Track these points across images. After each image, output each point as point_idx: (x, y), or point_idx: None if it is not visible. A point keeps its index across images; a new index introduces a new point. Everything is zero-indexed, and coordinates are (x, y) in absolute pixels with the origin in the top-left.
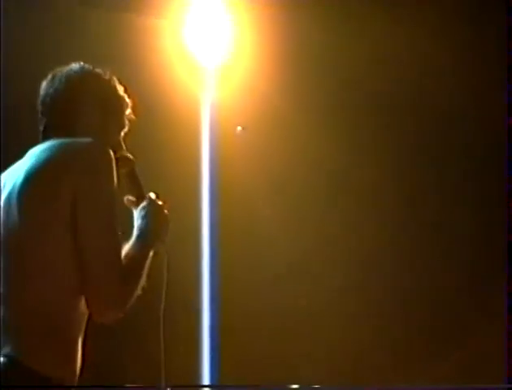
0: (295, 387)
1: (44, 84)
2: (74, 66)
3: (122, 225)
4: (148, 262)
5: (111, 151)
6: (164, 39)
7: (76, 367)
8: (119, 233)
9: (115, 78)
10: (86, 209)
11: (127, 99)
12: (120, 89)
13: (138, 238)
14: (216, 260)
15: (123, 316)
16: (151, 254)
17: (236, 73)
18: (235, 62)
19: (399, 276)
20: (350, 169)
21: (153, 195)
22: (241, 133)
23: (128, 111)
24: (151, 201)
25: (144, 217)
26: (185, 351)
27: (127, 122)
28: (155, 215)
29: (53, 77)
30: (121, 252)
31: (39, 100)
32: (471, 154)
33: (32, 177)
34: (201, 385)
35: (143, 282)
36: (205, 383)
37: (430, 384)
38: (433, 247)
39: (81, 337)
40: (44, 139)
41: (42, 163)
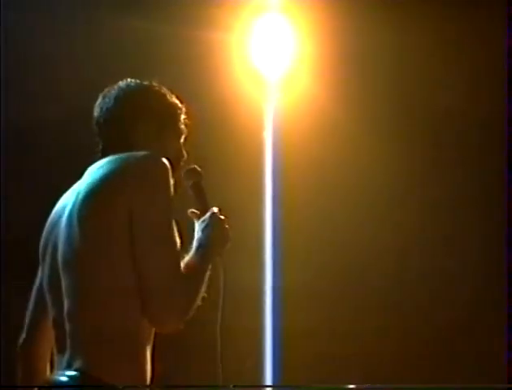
0: (351, 387)
1: (96, 105)
2: (121, 83)
3: (183, 237)
4: (207, 274)
5: (167, 161)
6: (229, 52)
7: (147, 377)
8: (178, 244)
9: (164, 87)
10: (142, 221)
11: (179, 105)
12: (171, 97)
13: (198, 250)
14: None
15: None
16: (210, 266)
17: (299, 84)
18: (297, 73)
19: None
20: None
21: (215, 209)
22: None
23: (183, 117)
24: (213, 215)
25: (204, 229)
26: (248, 352)
27: (184, 128)
28: (216, 229)
29: (103, 97)
30: (180, 263)
31: (93, 121)
32: None
33: (90, 194)
34: (266, 385)
35: (203, 293)
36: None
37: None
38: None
39: (150, 347)
40: (102, 158)
41: (99, 180)
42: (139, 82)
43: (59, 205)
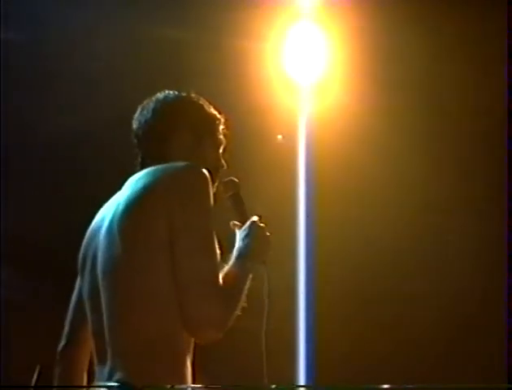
0: (385, 386)
1: (135, 118)
2: (159, 95)
3: (222, 247)
4: (248, 283)
5: (207, 171)
6: (263, 60)
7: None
8: (217, 255)
9: (201, 97)
10: (182, 232)
11: (218, 115)
12: (209, 107)
13: (238, 259)
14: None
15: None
16: (251, 276)
17: (331, 91)
18: (330, 80)
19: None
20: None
21: (255, 218)
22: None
23: (221, 127)
24: (253, 223)
25: (245, 238)
26: (282, 353)
27: (222, 138)
28: (256, 237)
29: (142, 110)
30: (219, 274)
31: (132, 134)
32: None
33: (130, 206)
34: (306, 385)
35: (243, 302)
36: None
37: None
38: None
39: (190, 356)
40: (141, 169)
41: (139, 191)
42: (176, 93)
43: (99, 216)
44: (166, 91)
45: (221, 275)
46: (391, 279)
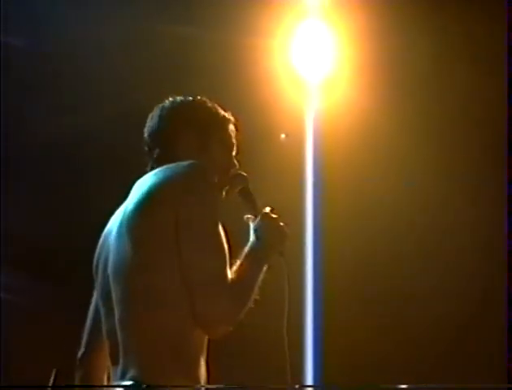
0: (403, 387)
1: (146, 126)
2: (167, 101)
3: (230, 243)
4: (261, 276)
5: (214, 170)
6: (271, 57)
7: (201, 381)
8: (225, 251)
9: (207, 99)
10: (187, 229)
11: (227, 116)
12: (217, 109)
13: (251, 251)
14: (320, 263)
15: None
16: (265, 268)
17: (339, 87)
18: (338, 77)
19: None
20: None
21: (267, 209)
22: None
23: (231, 127)
24: (265, 214)
25: (257, 230)
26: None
27: (233, 139)
28: (269, 228)
29: (151, 117)
30: (227, 270)
31: (143, 143)
32: None
33: (137, 206)
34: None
35: (255, 295)
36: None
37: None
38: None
39: (203, 352)
40: (151, 170)
41: (145, 192)
42: (183, 98)
43: (111, 221)
44: (175, 97)
45: (232, 270)
46: (394, 280)
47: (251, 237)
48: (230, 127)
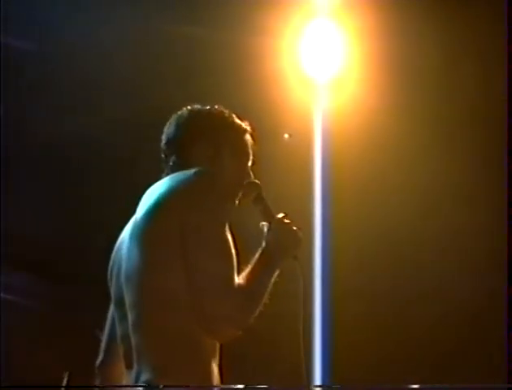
0: (415, 387)
1: (163, 134)
2: (184, 109)
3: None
4: (271, 280)
5: (229, 180)
6: (280, 57)
7: (214, 384)
8: (232, 257)
9: (224, 109)
10: (193, 234)
11: (243, 126)
12: (233, 119)
13: (264, 256)
14: (328, 264)
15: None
16: (277, 272)
17: (348, 87)
18: (346, 76)
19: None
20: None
21: (280, 215)
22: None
23: (247, 137)
24: (277, 220)
25: (267, 236)
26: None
27: (249, 149)
28: (282, 232)
29: (169, 125)
30: (234, 276)
31: (161, 146)
32: None
33: (147, 213)
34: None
35: (265, 299)
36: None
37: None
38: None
39: (216, 355)
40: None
41: (155, 199)
42: (200, 107)
43: (125, 229)
44: (194, 105)
45: (242, 274)
46: (401, 280)
47: (263, 242)
48: (246, 137)
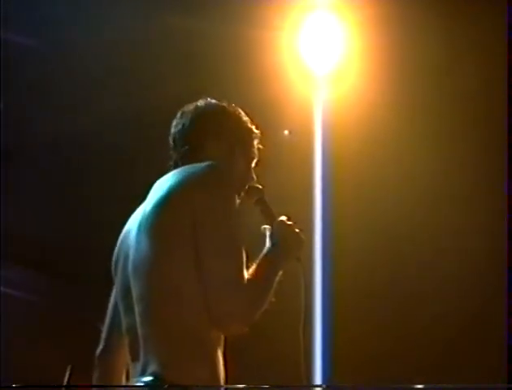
0: (415, 387)
1: (174, 122)
2: (200, 102)
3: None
4: (276, 280)
5: (235, 180)
6: (280, 49)
7: (220, 377)
8: (241, 253)
9: (240, 110)
10: (205, 229)
11: (254, 130)
12: (246, 121)
13: (268, 256)
14: (329, 262)
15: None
16: (280, 273)
17: (348, 79)
18: (346, 69)
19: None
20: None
21: (283, 217)
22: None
23: (256, 141)
24: (279, 222)
25: (271, 238)
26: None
27: (256, 152)
28: (285, 234)
29: (182, 114)
30: (243, 272)
31: (170, 136)
32: None
33: (157, 205)
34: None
35: (271, 297)
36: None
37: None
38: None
39: (221, 348)
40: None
41: (166, 191)
42: (217, 103)
43: (130, 220)
44: (208, 99)
45: (249, 271)
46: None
47: (267, 244)
48: (256, 141)
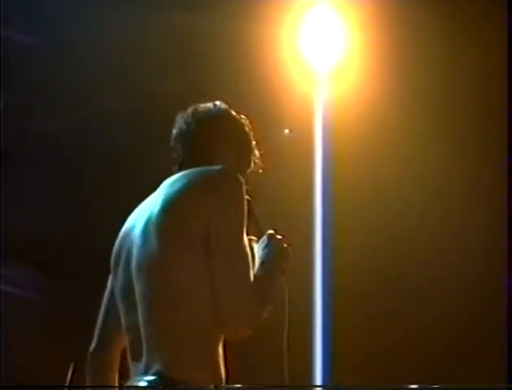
0: (415, 387)
1: (178, 121)
2: (209, 105)
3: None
4: (276, 284)
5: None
6: (280, 45)
7: (222, 376)
8: (249, 256)
9: (247, 119)
10: (216, 232)
11: (252, 138)
12: (250, 129)
13: (263, 265)
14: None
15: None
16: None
17: (348, 76)
18: (347, 65)
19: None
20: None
21: (271, 231)
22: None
23: (256, 153)
24: (271, 235)
25: (265, 248)
26: (299, 353)
27: (252, 160)
28: (275, 247)
29: (188, 114)
30: (251, 274)
31: (173, 135)
32: None
33: (168, 206)
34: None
35: (272, 302)
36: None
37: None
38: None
39: (222, 346)
40: (178, 172)
41: (177, 191)
42: (225, 107)
43: (132, 218)
44: (217, 102)
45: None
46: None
47: (258, 253)
48: (256, 150)
